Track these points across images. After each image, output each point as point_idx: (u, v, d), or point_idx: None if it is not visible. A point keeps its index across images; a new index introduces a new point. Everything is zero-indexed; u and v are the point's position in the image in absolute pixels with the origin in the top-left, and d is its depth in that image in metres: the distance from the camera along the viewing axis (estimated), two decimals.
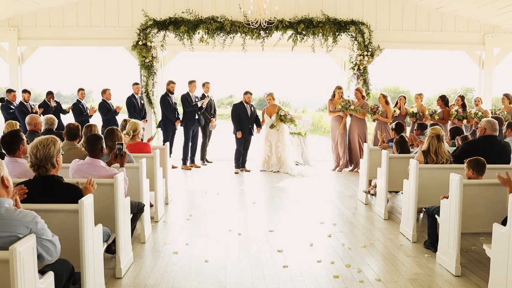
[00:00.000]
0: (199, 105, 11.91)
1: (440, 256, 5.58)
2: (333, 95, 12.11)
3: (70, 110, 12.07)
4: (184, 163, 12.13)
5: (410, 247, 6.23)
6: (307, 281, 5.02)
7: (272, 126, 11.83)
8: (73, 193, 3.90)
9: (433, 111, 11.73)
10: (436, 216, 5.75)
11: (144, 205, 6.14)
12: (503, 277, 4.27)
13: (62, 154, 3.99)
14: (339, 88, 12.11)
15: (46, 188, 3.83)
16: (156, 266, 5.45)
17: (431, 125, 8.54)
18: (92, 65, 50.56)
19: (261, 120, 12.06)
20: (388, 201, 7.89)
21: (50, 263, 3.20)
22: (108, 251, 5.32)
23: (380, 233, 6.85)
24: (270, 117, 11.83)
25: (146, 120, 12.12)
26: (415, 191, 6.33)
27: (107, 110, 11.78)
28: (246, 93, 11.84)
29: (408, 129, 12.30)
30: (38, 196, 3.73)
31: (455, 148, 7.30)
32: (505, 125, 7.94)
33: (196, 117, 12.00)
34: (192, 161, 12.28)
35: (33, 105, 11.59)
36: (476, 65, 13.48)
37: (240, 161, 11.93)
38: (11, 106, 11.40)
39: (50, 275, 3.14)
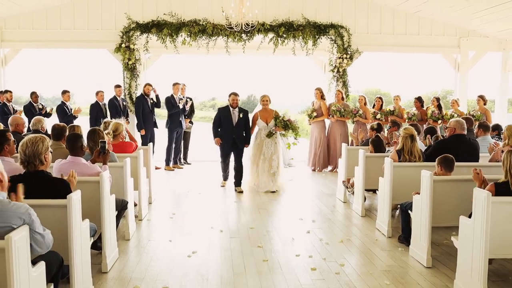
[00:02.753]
0: (181, 106, 12.06)
1: (412, 249, 5.86)
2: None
3: (55, 112, 12.15)
4: (167, 164, 12.29)
5: (385, 242, 6.50)
6: (285, 273, 5.26)
7: (269, 135, 9.80)
8: (60, 188, 4.10)
9: (412, 114, 12.06)
10: (409, 211, 6.03)
11: (127, 202, 6.32)
12: (469, 266, 4.55)
13: (51, 152, 4.17)
14: (317, 89, 12.37)
15: (35, 183, 4.01)
16: (140, 261, 5.65)
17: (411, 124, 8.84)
18: (75, 67, 50.27)
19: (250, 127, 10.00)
20: (365, 199, 8.19)
21: (41, 254, 3.38)
22: (94, 247, 5.49)
23: (357, 229, 7.12)
24: (267, 124, 9.81)
25: (129, 122, 12.26)
26: (390, 188, 6.62)
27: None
28: (230, 94, 9.83)
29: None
30: (28, 191, 3.91)
31: (426, 147, 7.60)
32: (476, 125, 8.27)
33: (180, 119, 12.16)
34: (175, 162, 12.45)
35: (14, 106, 11.65)
36: (452, 67, 13.86)
37: (225, 172, 10.22)
38: None
39: (42, 265, 3.33)
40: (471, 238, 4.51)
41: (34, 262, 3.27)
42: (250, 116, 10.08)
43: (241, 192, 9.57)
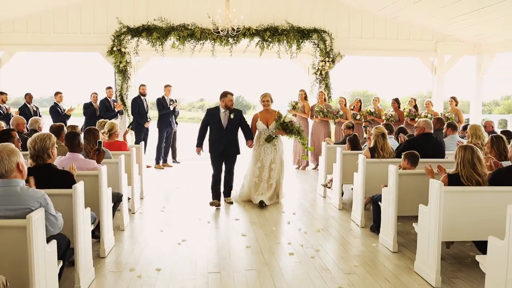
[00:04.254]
0: (171, 108, 12.63)
1: (381, 236, 6.48)
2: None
3: (48, 113, 12.67)
4: (157, 162, 12.83)
5: (358, 231, 7.12)
6: (266, 257, 5.86)
7: (269, 139, 8.68)
8: (66, 179, 4.68)
9: (390, 115, 12.71)
10: (379, 202, 6.65)
11: (122, 195, 6.87)
12: (426, 248, 5.17)
13: (56, 147, 4.74)
14: (301, 90, 12.97)
15: (43, 175, 4.56)
16: (135, 248, 6.21)
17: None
18: (68, 70, 50.55)
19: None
20: (343, 193, 8.80)
21: (52, 235, 3.94)
22: (92, 236, 6.02)
23: (333, 220, 7.73)
24: (267, 126, 8.73)
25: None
26: (363, 182, 7.24)
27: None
28: (226, 94, 8.45)
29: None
30: (38, 182, 4.45)
31: (398, 144, 8.24)
32: (445, 125, 8.92)
33: (170, 119, 12.73)
34: (165, 161, 13.00)
35: (7, 107, 12.12)
36: (429, 71, 14.55)
37: (215, 192, 8.70)
38: None
39: (54, 243, 3.89)
40: (427, 223, 5.14)
41: (47, 241, 3.82)
42: (248, 117, 9.33)
43: (231, 203, 8.67)
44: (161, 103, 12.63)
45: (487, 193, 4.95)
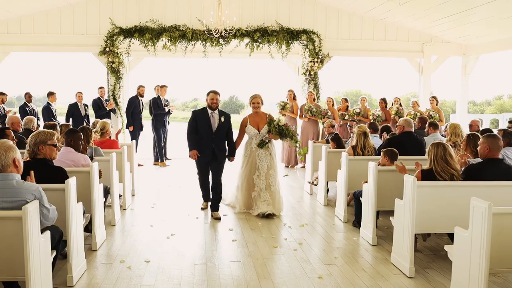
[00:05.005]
0: (166, 110, 12.91)
1: (362, 230, 6.77)
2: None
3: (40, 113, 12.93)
4: (156, 160, 13.10)
5: (341, 226, 7.41)
6: (251, 249, 6.15)
7: (261, 144, 8.08)
8: (60, 174, 4.97)
9: (378, 115, 13.01)
10: (360, 198, 6.94)
11: (109, 187, 7.11)
12: (401, 240, 5.46)
13: (51, 145, 5.02)
14: (290, 90, 13.25)
15: (39, 169, 4.81)
16: (125, 242, 6.47)
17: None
18: (60, 70, 50.73)
19: (236, 137, 8.28)
20: (328, 190, 9.09)
21: (46, 226, 4.20)
22: (84, 230, 6.29)
23: (318, 216, 8.01)
24: (259, 131, 8.13)
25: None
26: (345, 179, 7.53)
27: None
28: (208, 93, 7.83)
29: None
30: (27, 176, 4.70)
31: (381, 142, 8.54)
32: (427, 124, 9.21)
33: (165, 119, 13.01)
34: (162, 160, 13.19)
35: (5, 108, 12.38)
36: (416, 71, 14.87)
37: (206, 192, 8.30)
38: None
39: (48, 233, 4.15)
40: (402, 216, 5.43)
41: (41, 231, 4.07)
42: (236, 120, 9.08)
43: (219, 218, 7.71)
44: (156, 103, 12.90)
45: (457, 187, 5.24)
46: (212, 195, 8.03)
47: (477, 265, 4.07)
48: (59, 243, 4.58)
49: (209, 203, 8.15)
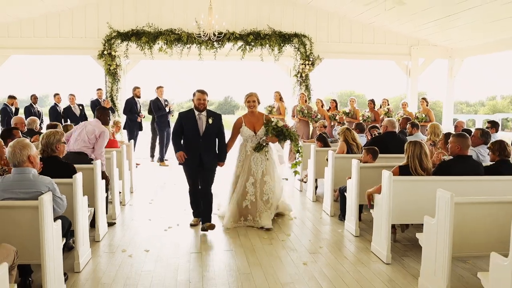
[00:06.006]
0: (167, 110, 13.36)
1: (346, 223, 7.28)
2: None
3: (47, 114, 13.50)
4: (161, 160, 13.56)
5: (328, 220, 7.91)
6: (242, 240, 6.65)
7: (258, 148, 7.44)
8: (68, 169, 5.50)
9: (367, 116, 13.52)
10: (345, 193, 7.44)
11: (109, 179, 7.52)
12: (380, 230, 5.97)
13: (64, 143, 5.56)
14: (276, 92, 13.63)
15: (49, 165, 5.30)
16: (126, 234, 6.95)
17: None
18: (60, 72, 51.20)
19: (227, 140, 7.48)
20: (317, 187, 9.60)
21: (57, 215, 4.68)
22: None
23: (307, 211, 8.51)
24: (255, 133, 7.48)
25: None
26: (332, 175, 8.04)
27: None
28: (194, 93, 7.07)
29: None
30: (44, 171, 5.19)
31: (366, 141, 9.06)
32: (409, 124, 9.72)
33: (168, 119, 13.47)
34: (161, 160, 13.63)
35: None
36: (404, 73, 15.41)
37: (196, 208, 7.45)
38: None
39: (59, 222, 4.64)
40: (380, 208, 5.93)
41: (54, 220, 4.55)
42: (231, 120, 8.53)
43: (212, 228, 6.94)
44: (157, 105, 13.35)
45: (429, 182, 5.73)
46: (202, 206, 7.23)
47: (442, 250, 4.58)
48: (68, 231, 5.07)
49: (200, 219, 7.27)
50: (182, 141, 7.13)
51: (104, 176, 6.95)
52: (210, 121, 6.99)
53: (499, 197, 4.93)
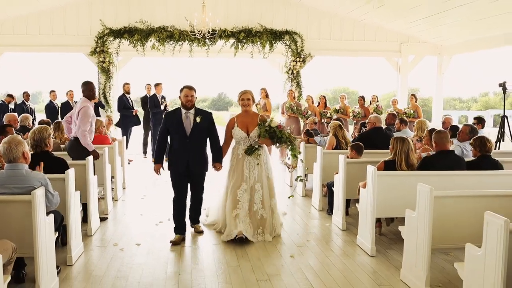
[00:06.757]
0: (162, 107, 13.46)
1: (334, 217, 7.45)
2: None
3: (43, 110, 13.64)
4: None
5: (316, 214, 8.09)
6: None
7: (250, 151, 6.66)
8: (60, 164, 5.66)
9: (357, 112, 13.69)
10: (333, 188, 7.61)
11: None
12: (364, 224, 6.14)
13: (53, 138, 5.67)
14: (262, 89, 13.73)
15: (42, 160, 5.43)
16: (118, 229, 7.10)
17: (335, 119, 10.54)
18: (53, 69, 51.22)
19: (222, 142, 6.85)
20: (306, 183, 9.77)
21: (50, 210, 4.82)
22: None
23: (297, 207, 8.68)
24: (248, 134, 6.72)
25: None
26: (320, 171, 8.21)
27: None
28: (181, 89, 6.48)
29: None
30: (36, 166, 5.31)
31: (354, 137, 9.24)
32: (397, 120, 9.90)
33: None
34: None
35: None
36: (394, 70, 15.59)
37: (179, 223, 6.67)
38: None
39: (52, 216, 4.78)
40: (365, 202, 6.11)
41: (46, 214, 4.69)
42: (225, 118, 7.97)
43: (201, 232, 6.83)
44: (153, 102, 13.44)
45: (412, 176, 5.89)
46: (190, 209, 6.91)
47: (422, 242, 4.75)
48: (60, 226, 5.21)
49: (182, 236, 6.58)
50: (168, 147, 6.63)
51: (94, 154, 7.08)
52: (198, 119, 6.34)
53: (476, 191, 5.11)
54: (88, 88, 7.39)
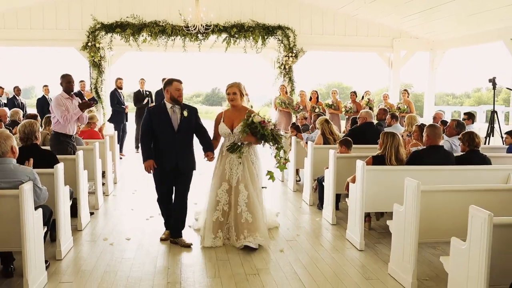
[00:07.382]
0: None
1: (324, 211, 7.49)
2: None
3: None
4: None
5: (307, 209, 8.12)
6: None
7: (232, 149, 6.17)
8: (50, 157, 5.71)
9: (349, 108, 13.73)
10: (323, 183, 7.64)
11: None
12: (354, 218, 6.18)
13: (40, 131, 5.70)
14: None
15: (31, 154, 5.44)
16: (108, 223, 7.11)
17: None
18: (44, 64, 51.03)
19: (212, 137, 6.39)
20: (299, 178, 9.80)
21: (38, 205, 4.82)
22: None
23: (287, 201, 8.72)
24: (232, 130, 6.21)
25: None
26: (311, 166, 8.23)
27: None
28: (171, 82, 5.99)
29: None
30: (25, 160, 5.30)
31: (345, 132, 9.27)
32: (388, 115, 9.95)
33: None
34: None
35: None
36: (386, 65, 15.63)
37: (168, 218, 6.41)
38: None
39: (40, 210, 4.77)
40: (354, 197, 6.14)
41: (35, 209, 4.69)
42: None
43: (188, 246, 6.05)
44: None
45: (401, 171, 5.92)
46: (174, 217, 6.23)
47: (409, 235, 4.79)
48: (49, 220, 5.21)
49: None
50: (153, 145, 6.08)
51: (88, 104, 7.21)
52: (185, 113, 5.94)
53: (463, 185, 5.15)
54: (65, 80, 7.31)
